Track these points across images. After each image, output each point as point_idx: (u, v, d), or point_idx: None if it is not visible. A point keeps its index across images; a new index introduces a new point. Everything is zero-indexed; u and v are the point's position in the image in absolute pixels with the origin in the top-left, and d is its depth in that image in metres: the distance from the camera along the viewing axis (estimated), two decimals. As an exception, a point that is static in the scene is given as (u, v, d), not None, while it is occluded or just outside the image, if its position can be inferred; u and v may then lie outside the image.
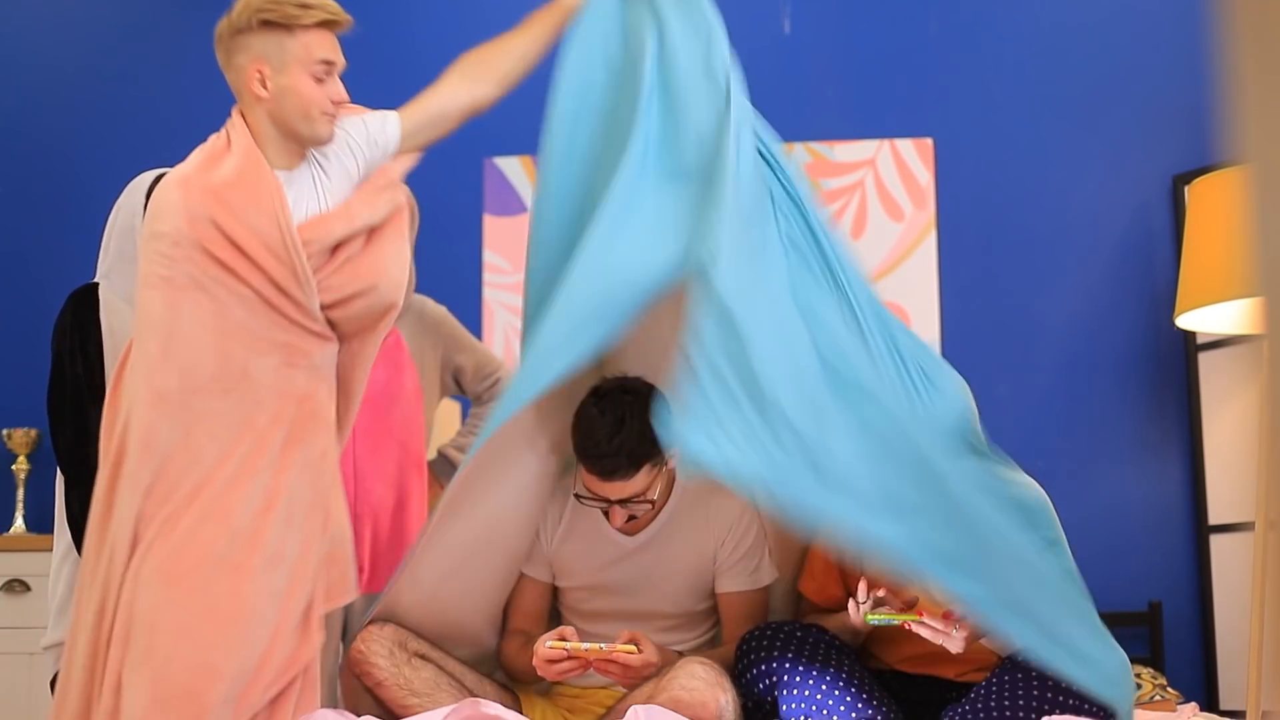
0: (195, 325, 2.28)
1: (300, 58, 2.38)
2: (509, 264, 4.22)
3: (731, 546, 2.69)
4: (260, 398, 2.30)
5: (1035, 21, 4.20)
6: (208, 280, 2.29)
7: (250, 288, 2.30)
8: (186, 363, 2.27)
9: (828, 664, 2.43)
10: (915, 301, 4.08)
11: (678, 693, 2.33)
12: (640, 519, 2.67)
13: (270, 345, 2.32)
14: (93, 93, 4.45)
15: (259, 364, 2.31)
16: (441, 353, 3.22)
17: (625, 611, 2.69)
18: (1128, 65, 4.12)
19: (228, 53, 2.39)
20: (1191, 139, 4.00)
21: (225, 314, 2.30)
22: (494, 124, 4.37)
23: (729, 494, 2.67)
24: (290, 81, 2.37)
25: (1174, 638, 3.85)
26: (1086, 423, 3.99)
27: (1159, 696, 3.34)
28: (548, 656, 2.44)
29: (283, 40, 2.36)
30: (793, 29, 4.26)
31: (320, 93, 2.40)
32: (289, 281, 2.32)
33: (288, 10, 2.36)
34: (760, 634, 2.49)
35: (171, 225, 2.29)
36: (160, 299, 2.28)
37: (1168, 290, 3.87)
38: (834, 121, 4.21)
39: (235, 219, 2.30)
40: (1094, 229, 4.08)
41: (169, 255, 2.29)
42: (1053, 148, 4.13)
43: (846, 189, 4.17)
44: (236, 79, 2.40)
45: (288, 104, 2.38)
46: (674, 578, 2.69)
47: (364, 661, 2.49)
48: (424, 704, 2.45)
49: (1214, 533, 3.83)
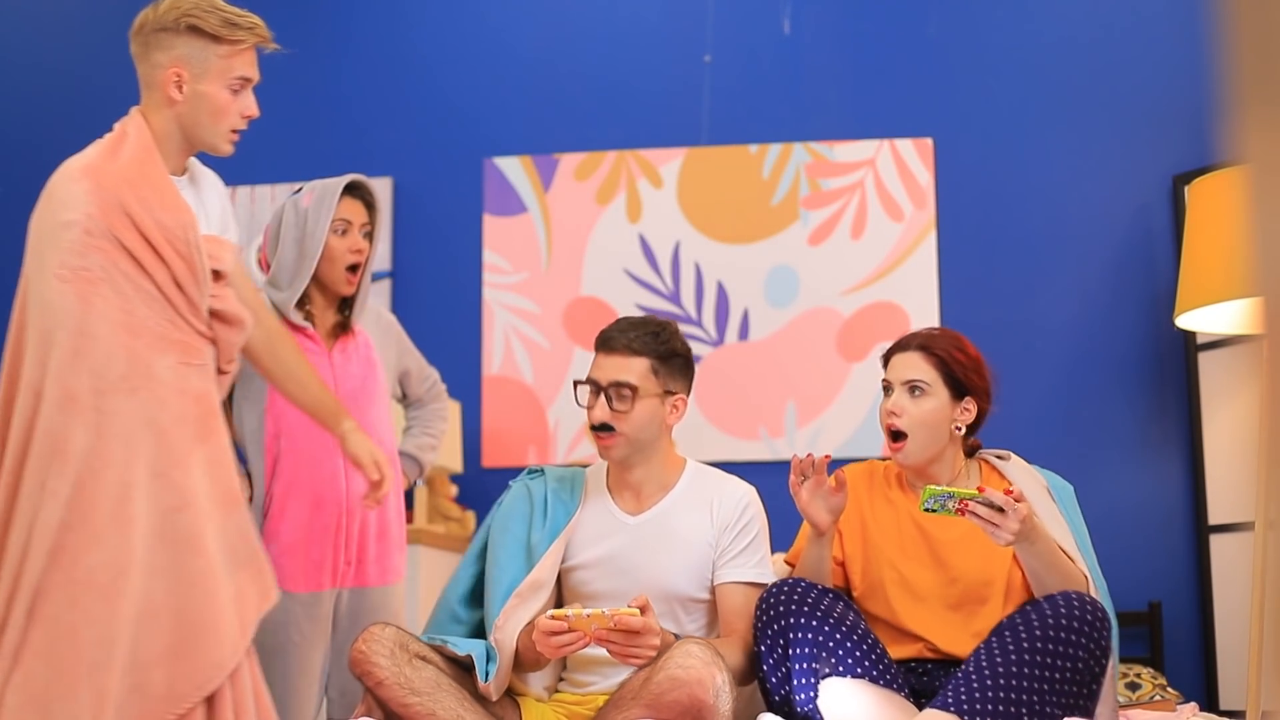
0: (105, 321, 2.26)
1: (221, 69, 2.38)
2: (509, 264, 4.23)
3: (734, 535, 2.71)
4: (163, 396, 2.30)
5: (1035, 22, 4.20)
6: (117, 273, 2.27)
7: (154, 282, 2.30)
8: (98, 362, 2.25)
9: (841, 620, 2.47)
10: (915, 301, 4.08)
11: (674, 671, 2.36)
12: (617, 442, 2.69)
13: (169, 344, 2.32)
14: (93, 94, 4.44)
15: (161, 362, 2.31)
16: (395, 356, 3.31)
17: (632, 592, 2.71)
18: (1128, 65, 4.12)
19: (146, 46, 2.38)
20: (1191, 139, 4.00)
21: (132, 310, 2.29)
22: (494, 124, 4.39)
23: (737, 484, 2.77)
24: (208, 90, 2.37)
25: (1174, 638, 3.85)
26: (1086, 423, 3.99)
27: (1159, 696, 3.34)
28: (548, 628, 2.45)
29: (207, 48, 2.37)
30: (793, 29, 4.26)
31: (235, 106, 2.41)
32: (188, 279, 2.33)
33: (219, 27, 2.36)
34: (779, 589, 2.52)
35: (82, 213, 2.27)
36: (72, 292, 2.24)
37: (1168, 290, 3.87)
38: (834, 121, 4.21)
39: (145, 211, 2.30)
40: (1094, 229, 4.09)
41: (81, 245, 2.26)
42: (1053, 148, 4.13)
43: (846, 189, 4.17)
44: (150, 74, 2.38)
45: (201, 111, 2.38)
46: (673, 556, 2.71)
47: (365, 661, 2.53)
48: (424, 704, 2.49)
49: (1214, 532, 3.83)
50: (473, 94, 4.34)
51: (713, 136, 4.23)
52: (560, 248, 4.24)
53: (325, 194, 3.16)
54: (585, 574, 2.75)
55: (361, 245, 3.18)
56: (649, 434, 2.72)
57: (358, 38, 4.44)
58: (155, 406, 2.29)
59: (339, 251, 3.15)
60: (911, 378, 2.65)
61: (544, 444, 4.12)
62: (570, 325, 4.19)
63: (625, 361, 2.68)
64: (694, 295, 4.17)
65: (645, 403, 2.69)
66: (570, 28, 4.37)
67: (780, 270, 4.16)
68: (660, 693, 2.36)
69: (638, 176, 4.23)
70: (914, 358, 2.66)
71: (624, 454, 2.72)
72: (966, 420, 2.66)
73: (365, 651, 2.53)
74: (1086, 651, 2.38)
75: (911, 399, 2.64)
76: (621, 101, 4.29)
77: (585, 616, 2.42)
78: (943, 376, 2.63)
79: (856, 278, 4.13)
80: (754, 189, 4.20)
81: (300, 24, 4.44)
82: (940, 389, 2.64)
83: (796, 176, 4.18)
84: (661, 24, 4.34)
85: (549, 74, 4.35)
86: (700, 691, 2.34)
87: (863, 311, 4.12)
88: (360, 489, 2.93)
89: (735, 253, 4.18)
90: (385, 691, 2.51)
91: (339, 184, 3.18)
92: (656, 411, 2.71)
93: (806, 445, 4.05)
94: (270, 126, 4.36)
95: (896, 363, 2.69)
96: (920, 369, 2.65)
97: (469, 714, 2.51)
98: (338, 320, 3.19)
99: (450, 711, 2.50)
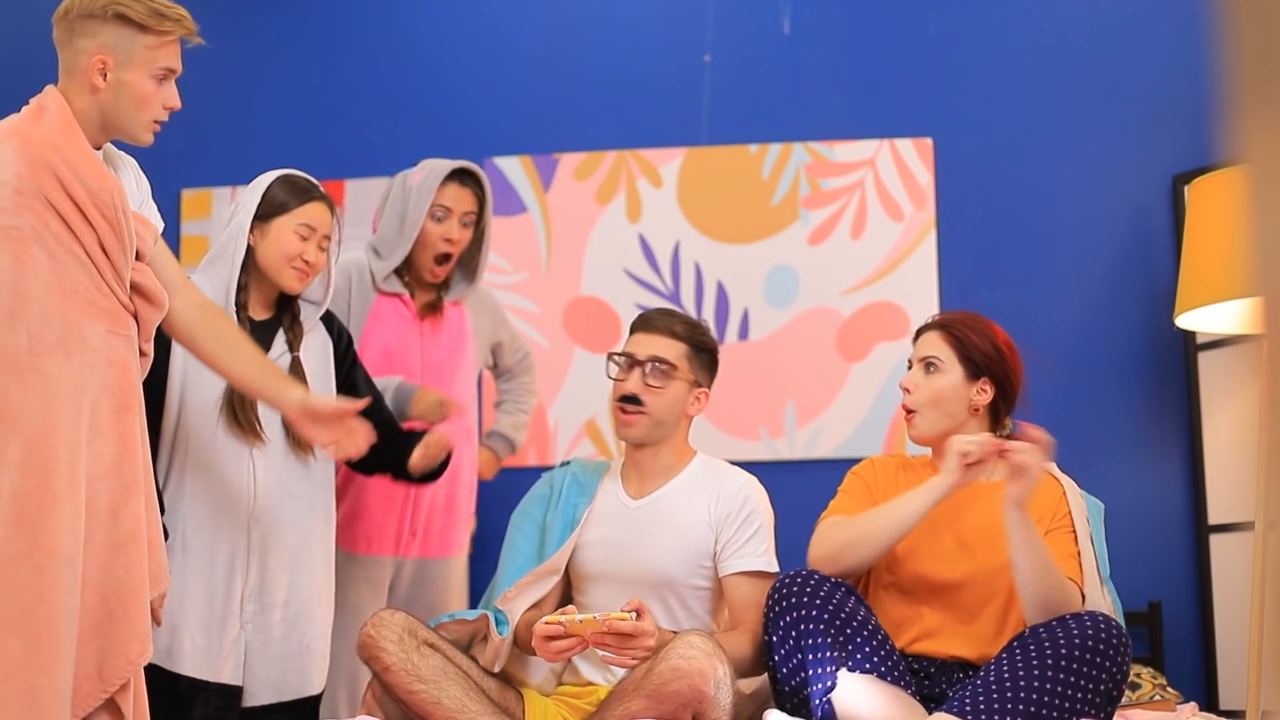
0: (38, 282, 2.23)
1: (146, 59, 2.37)
2: (509, 264, 4.23)
3: (736, 526, 2.74)
4: (94, 364, 2.27)
5: (1035, 21, 4.20)
6: (47, 234, 2.25)
7: (82, 246, 2.28)
8: (33, 323, 2.21)
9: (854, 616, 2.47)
10: (915, 302, 4.08)
11: (676, 661, 2.38)
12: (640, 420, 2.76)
13: (98, 310, 2.30)
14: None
15: (91, 328, 2.28)
16: (490, 327, 3.34)
17: (625, 574, 2.75)
18: (1127, 65, 4.12)
19: (70, 31, 2.36)
20: (1191, 138, 4.00)
21: (62, 272, 2.26)
22: (494, 123, 4.39)
23: (739, 474, 2.83)
24: (132, 79, 2.36)
25: (1174, 637, 3.85)
26: (1086, 423, 3.98)
27: (1159, 696, 3.34)
28: (545, 633, 2.48)
29: (134, 37, 2.35)
30: (793, 29, 4.26)
31: (158, 96, 2.39)
32: (114, 246, 2.31)
33: (146, 16, 2.35)
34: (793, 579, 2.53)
35: (11, 173, 2.24)
36: (8, 252, 2.21)
37: (1167, 290, 3.87)
38: (834, 121, 4.21)
39: (72, 173, 2.28)
40: (1094, 229, 4.08)
41: (11, 204, 2.23)
42: (1052, 147, 4.13)
43: (846, 189, 4.17)
44: (73, 60, 2.36)
45: (124, 99, 2.36)
46: (667, 541, 2.75)
47: (373, 646, 2.55)
48: (430, 691, 2.52)
49: (1214, 532, 3.83)
50: (472, 93, 4.34)
51: (713, 136, 4.23)
52: (560, 247, 4.24)
53: (429, 177, 3.18)
54: (586, 554, 2.81)
55: (455, 235, 3.19)
56: (671, 417, 2.80)
57: (357, 36, 4.44)
58: (86, 372, 2.26)
59: (432, 237, 3.18)
60: (927, 354, 2.73)
61: (544, 444, 4.12)
62: (570, 325, 4.19)
63: (665, 341, 2.79)
64: (694, 295, 4.17)
65: (676, 385, 2.78)
66: (570, 27, 4.37)
67: (780, 270, 4.16)
68: (661, 683, 2.38)
69: (638, 176, 4.23)
70: (933, 336, 2.75)
71: (643, 433, 2.78)
72: (984, 401, 2.70)
73: (374, 636, 2.55)
74: (1107, 674, 2.36)
75: (925, 375, 2.72)
76: (621, 101, 4.29)
77: (579, 622, 2.44)
78: (958, 355, 2.70)
79: (856, 277, 4.13)
80: (754, 189, 4.20)
81: (300, 22, 4.44)
82: (954, 366, 2.70)
83: (796, 176, 4.18)
84: (661, 24, 4.34)
85: (549, 73, 4.35)
86: (701, 682, 2.36)
87: (863, 311, 4.12)
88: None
89: (735, 252, 4.18)
90: (392, 677, 2.53)
91: (444, 170, 3.19)
92: (682, 397, 2.79)
93: (806, 445, 4.05)
94: (271, 124, 4.37)
95: (919, 342, 2.79)
96: (936, 346, 2.73)
97: (473, 704, 2.53)
98: (433, 298, 3.24)
99: (455, 701, 2.52)
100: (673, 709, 2.38)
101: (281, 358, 2.83)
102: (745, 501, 2.76)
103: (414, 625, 2.60)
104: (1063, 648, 2.35)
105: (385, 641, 2.54)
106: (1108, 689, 2.37)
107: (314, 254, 2.83)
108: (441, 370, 3.22)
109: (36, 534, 2.13)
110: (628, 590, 2.69)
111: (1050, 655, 2.34)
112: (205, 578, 2.69)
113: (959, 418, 2.70)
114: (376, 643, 2.54)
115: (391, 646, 2.53)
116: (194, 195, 4.33)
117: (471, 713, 2.51)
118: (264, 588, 2.74)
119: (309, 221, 2.82)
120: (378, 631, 2.55)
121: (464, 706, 2.51)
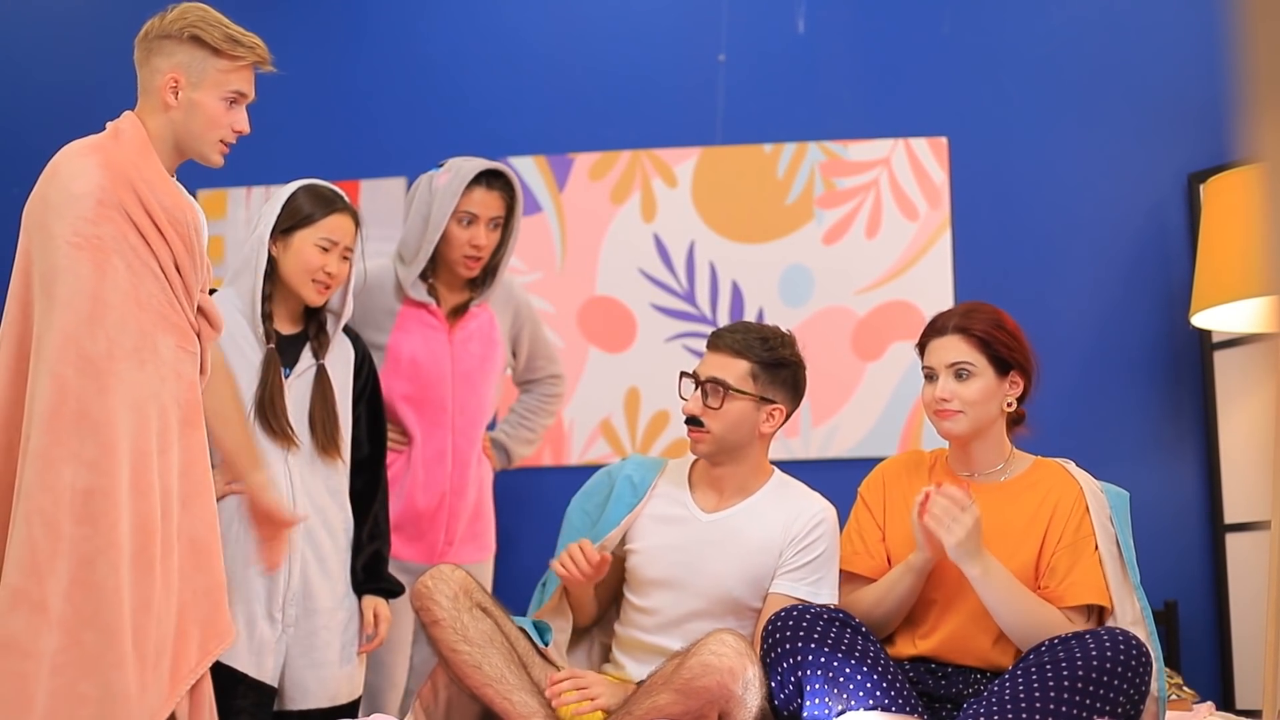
0: (117, 291, 2.29)
1: (217, 81, 2.44)
2: (523, 263, 4.23)
3: (799, 549, 2.71)
4: (165, 375, 2.33)
5: (1049, 20, 4.19)
6: (126, 247, 2.31)
7: (157, 261, 2.34)
8: (112, 329, 2.27)
9: (852, 649, 2.45)
10: (930, 301, 4.08)
11: (707, 658, 2.38)
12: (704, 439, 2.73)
13: (170, 325, 2.36)
14: (92, 95, 4.46)
15: (164, 341, 2.35)
16: (509, 322, 3.30)
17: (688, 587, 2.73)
18: (1142, 63, 4.11)
19: (149, 51, 2.44)
20: (1207, 137, 3.99)
21: (140, 285, 2.32)
22: (508, 123, 4.39)
23: (816, 500, 2.78)
24: (202, 99, 2.43)
25: (1190, 637, 3.84)
26: (1101, 422, 3.98)
27: (1175, 695, 3.33)
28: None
29: (207, 60, 2.43)
30: (807, 28, 4.26)
31: (227, 118, 2.46)
32: (187, 264, 2.38)
33: (220, 41, 2.42)
34: (786, 616, 2.51)
35: (94, 184, 2.30)
36: (87, 259, 2.27)
37: (1183, 289, 3.86)
38: (848, 121, 4.21)
39: (149, 189, 2.35)
40: (1109, 227, 4.08)
41: (94, 214, 2.29)
42: (1067, 146, 4.12)
43: (861, 188, 4.17)
44: (150, 79, 2.44)
45: (194, 119, 2.44)
46: (735, 560, 2.73)
47: (426, 597, 2.57)
48: (473, 655, 2.53)
49: (1230, 531, 3.82)
50: (487, 93, 4.35)
51: (727, 136, 4.23)
52: (575, 247, 4.24)
53: (455, 181, 3.13)
54: (643, 559, 2.78)
55: (482, 241, 3.16)
56: (738, 436, 2.73)
57: (371, 37, 4.45)
58: (158, 382, 2.32)
59: (458, 241, 3.15)
60: (955, 360, 2.63)
61: (558, 444, 4.12)
62: (585, 325, 4.20)
63: (726, 360, 2.72)
64: (709, 294, 4.17)
65: (737, 404, 2.70)
66: (584, 27, 4.37)
67: (795, 269, 4.16)
68: (691, 678, 2.38)
69: (652, 176, 4.23)
70: (954, 341, 2.65)
71: (710, 451, 2.75)
72: (1015, 394, 2.67)
73: (430, 587, 2.57)
74: (1126, 696, 2.33)
75: (960, 382, 2.63)
76: (636, 101, 4.29)
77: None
78: (987, 357, 2.63)
79: (871, 277, 4.13)
80: (768, 188, 4.20)
81: (314, 23, 4.45)
82: (986, 369, 2.63)
83: (811, 176, 4.18)
84: (675, 24, 4.34)
85: (563, 74, 4.35)
86: (730, 680, 2.36)
87: (877, 310, 4.12)
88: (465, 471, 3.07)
89: (750, 252, 4.18)
90: (438, 631, 2.55)
91: (470, 172, 3.14)
92: (749, 416, 2.72)
93: (821, 445, 4.05)
94: (286, 125, 4.38)
95: (936, 348, 2.67)
96: (963, 351, 2.63)
97: (513, 676, 2.54)
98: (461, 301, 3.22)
99: (495, 669, 2.52)
100: (700, 705, 2.38)
101: (308, 370, 2.87)
102: (815, 528, 2.72)
103: (471, 586, 2.61)
104: (1079, 666, 2.32)
105: (439, 595, 2.55)
106: (1126, 711, 2.34)
107: (336, 266, 2.84)
108: (472, 377, 3.20)
109: (112, 533, 2.19)
110: (687, 602, 2.69)
111: (1068, 674, 2.31)
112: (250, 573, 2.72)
113: (994, 415, 2.67)
114: (431, 595, 2.56)
115: (445, 601, 2.55)
116: (209, 195, 4.34)
117: (509, 685, 2.52)
118: (306, 592, 2.77)
119: (330, 235, 2.83)
120: (434, 584, 2.57)
121: (503, 676, 2.52)
